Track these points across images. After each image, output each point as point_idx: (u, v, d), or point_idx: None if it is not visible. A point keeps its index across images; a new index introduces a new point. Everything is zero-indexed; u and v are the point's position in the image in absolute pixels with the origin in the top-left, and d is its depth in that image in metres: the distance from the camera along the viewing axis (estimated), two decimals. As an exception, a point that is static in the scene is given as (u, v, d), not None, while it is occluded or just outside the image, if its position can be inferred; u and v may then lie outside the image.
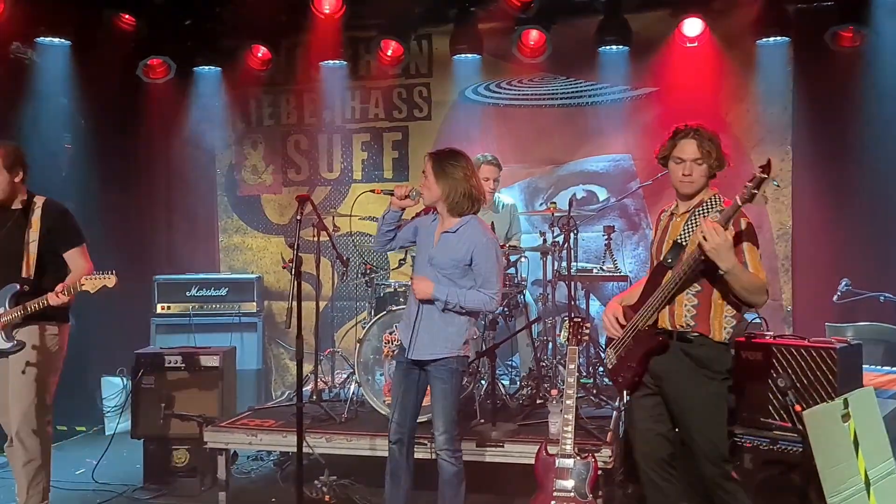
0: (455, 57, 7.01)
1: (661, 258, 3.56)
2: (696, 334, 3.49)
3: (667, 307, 3.52)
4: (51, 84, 6.91)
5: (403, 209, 4.16)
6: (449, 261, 3.96)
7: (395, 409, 4.10)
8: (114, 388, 6.91)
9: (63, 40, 6.54)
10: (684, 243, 3.48)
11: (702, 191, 3.54)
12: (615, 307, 3.76)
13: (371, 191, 4.46)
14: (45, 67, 6.78)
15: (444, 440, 4.00)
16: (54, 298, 4.15)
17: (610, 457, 4.43)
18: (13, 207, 4.25)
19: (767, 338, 4.55)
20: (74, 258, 4.34)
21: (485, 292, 3.94)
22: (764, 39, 6.38)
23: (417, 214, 4.55)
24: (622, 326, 3.68)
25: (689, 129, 3.51)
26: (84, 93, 7.08)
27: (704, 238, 3.22)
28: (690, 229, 3.50)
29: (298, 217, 3.91)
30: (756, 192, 3.17)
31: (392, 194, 4.10)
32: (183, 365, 5.56)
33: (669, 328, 3.53)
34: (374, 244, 4.30)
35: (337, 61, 7.21)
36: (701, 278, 3.45)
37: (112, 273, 4.26)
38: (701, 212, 3.51)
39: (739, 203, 3.21)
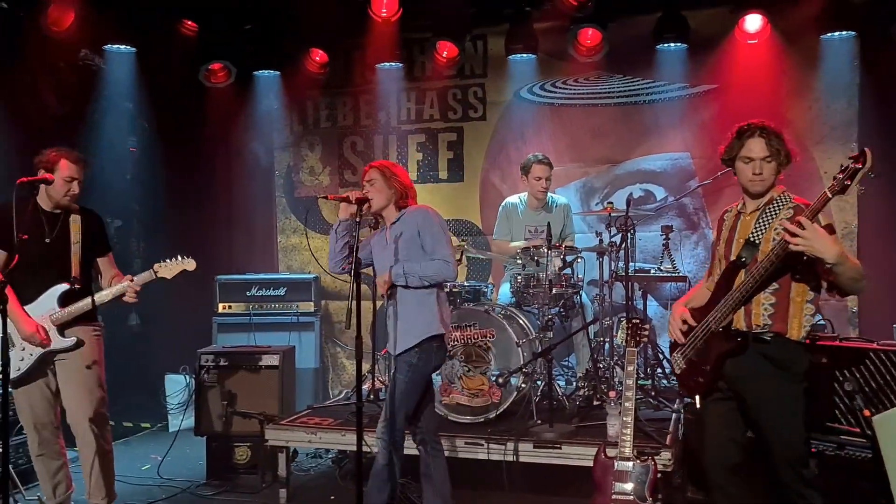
0: (510, 57, 7.01)
1: (735, 257, 3.47)
2: (772, 334, 3.40)
3: (742, 307, 3.45)
4: (116, 89, 7.14)
5: (355, 218, 4.11)
6: (404, 242, 4.17)
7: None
8: (177, 385, 7.06)
9: (129, 47, 6.75)
10: (758, 241, 3.41)
11: (771, 189, 3.48)
12: (681, 310, 3.68)
13: (324, 197, 4.49)
14: (111, 73, 7.00)
15: (384, 430, 4.13)
16: (131, 296, 4.34)
17: (669, 460, 4.38)
18: (56, 212, 4.39)
19: (834, 340, 4.44)
20: (107, 264, 4.51)
21: (437, 258, 4.13)
22: (828, 34, 6.23)
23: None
24: (690, 329, 3.61)
25: (754, 127, 3.45)
26: (148, 97, 7.31)
27: (795, 235, 3.09)
28: (763, 227, 3.42)
29: (357, 218, 3.94)
30: (849, 183, 3.06)
31: (347, 201, 4.16)
32: (244, 363, 5.67)
33: (745, 328, 3.45)
34: (330, 264, 4.39)
35: (393, 63, 7.27)
36: (778, 276, 3.36)
37: (189, 257, 4.39)
38: (772, 209, 3.44)
39: (830, 196, 3.10)
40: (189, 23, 6.82)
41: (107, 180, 7.16)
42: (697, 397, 3.60)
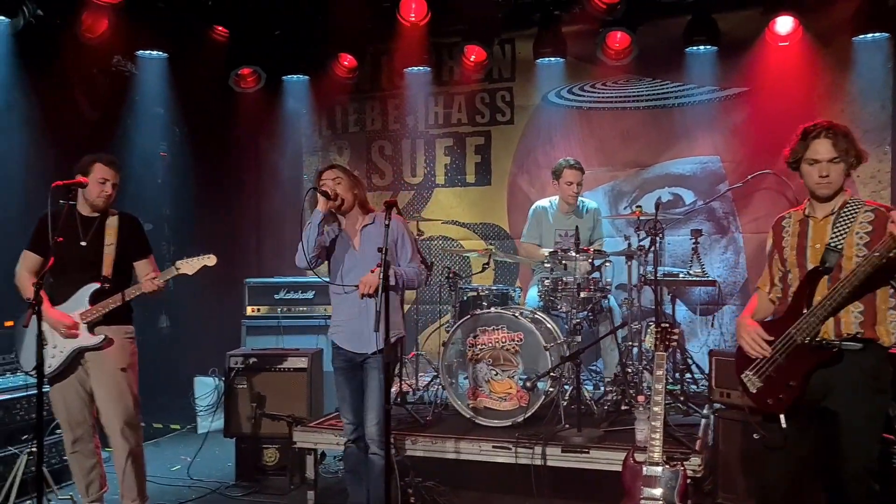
0: (538, 61, 7.01)
1: (818, 264, 3.33)
2: (864, 342, 3.27)
3: (832, 316, 3.28)
4: (148, 95, 7.23)
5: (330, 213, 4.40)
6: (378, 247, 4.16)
7: (346, 410, 4.36)
8: (206, 387, 7.12)
9: (161, 53, 6.84)
10: (840, 246, 3.28)
11: (839, 192, 3.36)
12: (753, 324, 3.47)
13: (314, 188, 4.43)
14: (143, 79, 7.10)
15: (379, 433, 4.14)
16: (149, 285, 4.36)
17: (699, 465, 4.34)
18: (93, 216, 4.45)
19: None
20: (143, 267, 4.55)
21: (413, 266, 4.39)
22: (861, 36, 6.16)
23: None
24: (768, 343, 3.40)
25: (820, 127, 3.32)
26: (179, 103, 7.39)
27: None
28: (843, 232, 3.30)
29: (386, 222, 3.96)
30: None
31: (327, 197, 4.30)
32: (273, 366, 5.72)
33: (834, 338, 3.28)
34: (300, 260, 4.38)
35: (421, 67, 7.31)
36: (872, 284, 3.23)
37: (210, 253, 4.45)
38: (848, 213, 3.32)
39: None
40: (220, 28, 6.89)
41: (138, 184, 7.25)
42: (782, 416, 3.35)
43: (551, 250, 5.68)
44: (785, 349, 3.34)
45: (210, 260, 4.48)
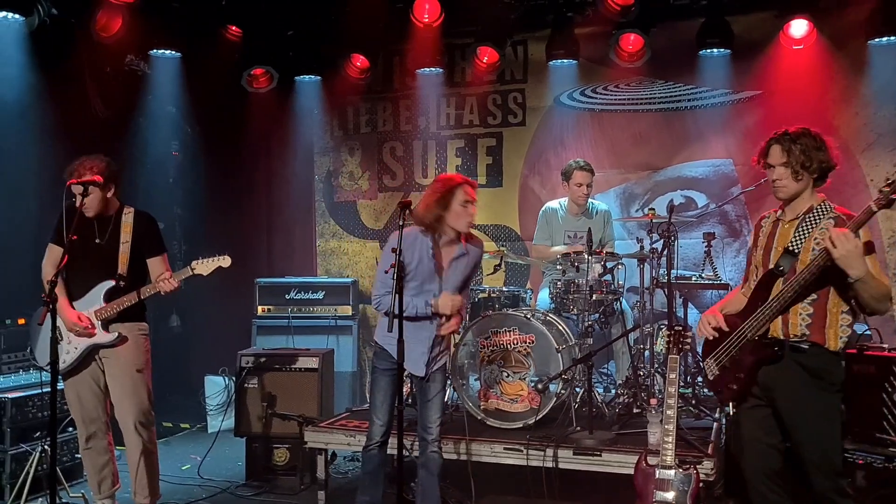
0: (550, 62, 6.99)
1: (773, 265, 3.46)
2: (809, 344, 3.39)
3: (779, 316, 3.42)
4: (161, 94, 7.27)
5: None
6: (462, 280, 4.26)
7: (382, 412, 4.24)
8: (216, 387, 7.14)
9: (174, 52, 6.85)
10: (797, 251, 3.39)
11: (800, 196, 3.46)
12: (715, 313, 3.68)
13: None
14: (156, 78, 7.13)
15: (439, 432, 4.23)
16: (164, 285, 4.36)
17: (711, 469, 4.32)
18: (108, 215, 4.46)
19: (882, 350, 4.35)
20: (156, 265, 4.54)
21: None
22: (876, 39, 6.12)
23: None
24: (724, 335, 3.59)
25: (778, 133, 3.48)
26: (191, 102, 7.43)
27: (834, 245, 3.12)
28: (802, 237, 3.41)
29: (401, 223, 3.95)
30: (895, 197, 3.05)
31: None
32: (284, 365, 5.72)
33: (781, 337, 3.44)
34: (381, 312, 4.21)
35: (433, 68, 7.30)
36: (817, 287, 3.35)
37: (225, 254, 4.44)
38: (811, 218, 3.43)
39: (875, 209, 3.10)
40: (233, 28, 6.90)
41: (150, 183, 7.30)
42: (731, 404, 3.62)
43: (564, 251, 5.67)
44: (738, 343, 3.52)
45: (225, 261, 4.48)
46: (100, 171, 4.32)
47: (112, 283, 4.39)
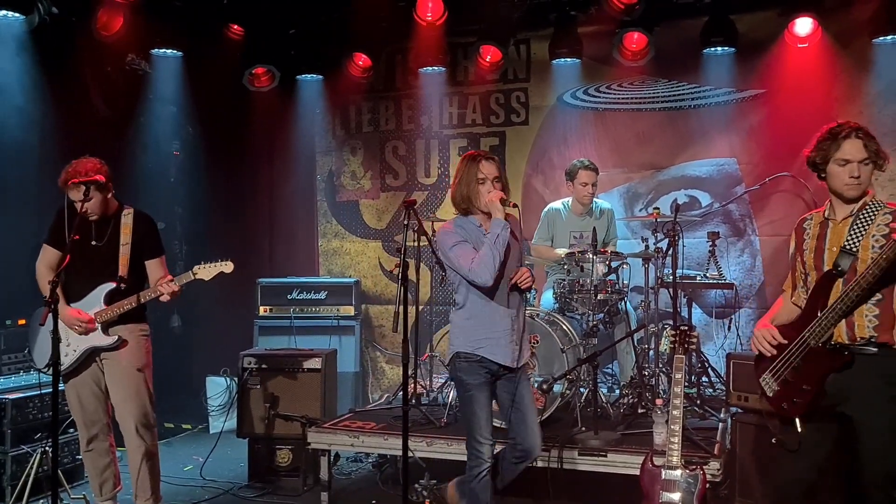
0: (553, 61, 6.96)
1: (832, 266, 3.30)
2: (878, 346, 3.22)
3: (844, 319, 3.25)
4: (162, 93, 7.24)
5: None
6: (516, 255, 4.07)
7: (489, 430, 3.95)
8: (218, 387, 7.12)
9: (175, 51, 6.82)
10: (854, 249, 3.24)
11: (864, 193, 3.32)
12: (769, 326, 3.46)
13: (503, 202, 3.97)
14: (157, 78, 7.09)
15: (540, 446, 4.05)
16: (165, 288, 4.32)
17: (718, 469, 4.29)
18: (107, 216, 4.42)
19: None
20: (155, 267, 4.51)
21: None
22: (881, 38, 6.09)
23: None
24: (783, 347, 3.38)
25: (849, 128, 3.30)
26: (192, 101, 7.39)
27: None
28: (860, 234, 3.26)
29: (405, 222, 3.92)
30: None
31: (504, 203, 3.93)
32: (287, 366, 5.68)
33: (847, 342, 3.25)
34: (489, 277, 3.83)
35: (435, 67, 7.26)
36: (881, 285, 3.19)
37: (228, 260, 4.41)
38: (865, 215, 3.28)
39: None
40: (235, 27, 6.87)
41: (151, 183, 7.26)
42: (798, 420, 3.33)
43: (568, 251, 5.64)
44: (800, 353, 3.32)
45: (227, 266, 4.44)
46: (99, 172, 4.28)
47: (113, 284, 4.36)
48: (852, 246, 3.25)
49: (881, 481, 3.22)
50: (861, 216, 3.29)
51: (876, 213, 3.27)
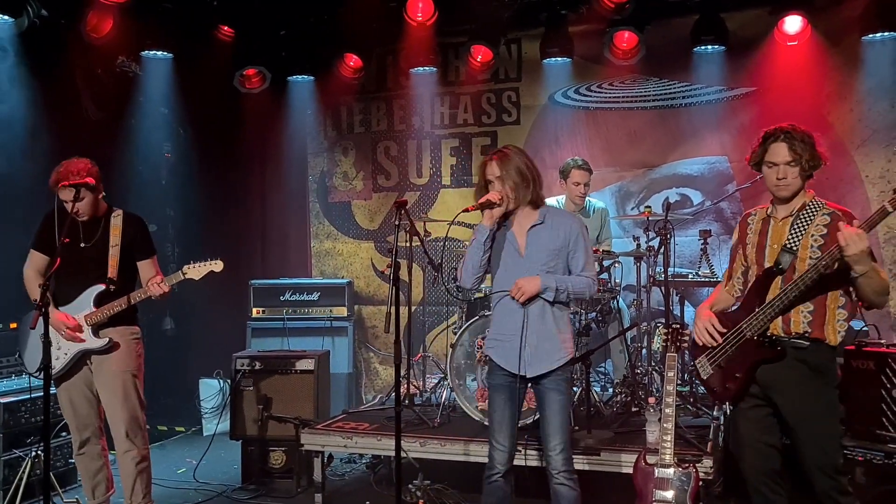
0: (545, 61, 6.96)
1: (773, 264, 3.43)
2: (811, 341, 3.37)
3: (780, 315, 3.40)
4: (153, 95, 7.22)
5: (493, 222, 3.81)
6: (548, 252, 3.74)
7: (502, 435, 3.78)
8: (211, 389, 7.10)
9: (166, 53, 6.79)
10: (795, 248, 3.37)
11: (798, 193, 3.44)
12: (709, 314, 3.62)
13: (465, 210, 3.97)
14: (147, 80, 7.07)
15: (564, 460, 3.74)
16: (155, 289, 4.30)
17: (711, 467, 4.30)
18: (96, 217, 4.41)
19: (880, 346, 4.34)
20: (147, 267, 4.49)
21: (586, 275, 3.76)
22: (870, 35, 6.11)
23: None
24: (720, 334, 3.55)
25: (778, 131, 3.42)
26: (183, 103, 7.37)
27: (846, 244, 3.09)
28: (799, 234, 3.39)
29: (397, 222, 3.91)
30: None
31: (488, 206, 3.75)
32: (280, 368, 5.68)
33: (783, 335, 3.41)
34: (467, 280, 3.83)
35: (427, 68, 7.26)
36: (819, 284, 3.32)
37: (217, 258, 4.40)
38: (806, 215, 3.41)
39: (890, 210, 3.06)
40: (225, 28, 6.85)
41: (142, 185, 7.25)
42: (727, 404, 3.62)
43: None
44: (736, 342, 3.49)
45: (217, 265, 4.42)
46: (90, 174, 4.26)
47: (102, 287, 4.33)
48: (792, 245, 3.39)
49: (825, 466, 3.37)
50: (801, 216, 3.43)
51: (815, 213, 3.41)
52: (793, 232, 3.41)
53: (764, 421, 3.51)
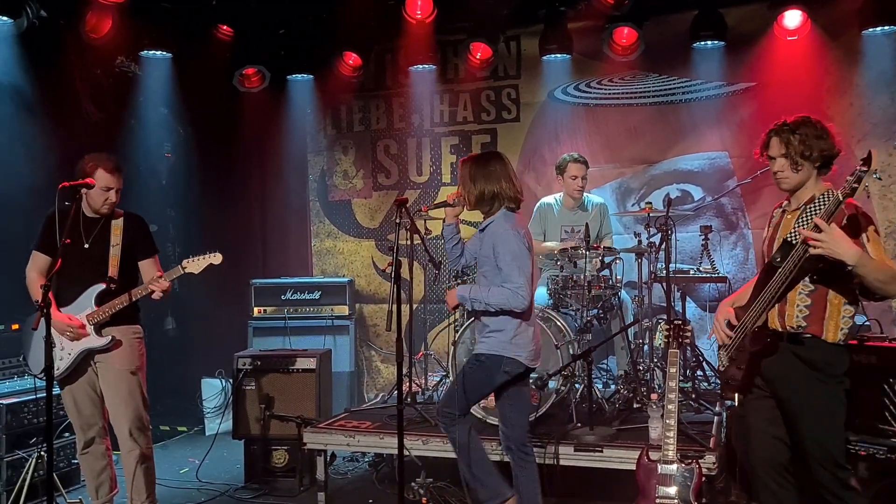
0: (544, 57, 6.96)
1: (771, 256, 3.43)
2: (808, 336, 3.36)
3: (776, 307, 3.41)
4: (152, 95, 7.20)
5: (457, 219, 4.31)
6: (481, 259, 4.05)
7: None
8: (213, 389, 7.10)
9: (165, 53, 6.78)
10: (794, 241, 3.34)
11: (803, 186, 3.43)
12: (726, 310, 3.63)
13: (420, 210, 4.65)
14: (147, 79, 7.06)
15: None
16: (155, 285, 4.31)
17: (713, 463, 4.30)
18: (96, 217, 4.42)
19: (883, 341, 4.34)
20: (149, 267, 4.50)
21: (508, 287, 3.88)
22: (870, 29, 6.11)
23: None
24: (732, 329, 3.56)
25: (777, 125, 3.45)
26: (183, 103, 7.36)
27: (808, 240, 3.12)
28: (802, 226, 3.36)
29: (398, 220, 3.92)
30: (857, 186, 3.04)
31: (446, 205, 4.23)
32: (281, 367, 5.68)
33: (780, 329, 3.42)
34: (448, 263, 4.41)
35: (426, 65, 7.25)
36: (816, 277, 3.32)
37: (216, 251, 4.40)
38: (813, 208, 3.38)
39: (840, 198, 3.09)
40: (224, 28, 6.84)
41: (142, 185, 7.24)
42: (736, 395, 3.62)
43: (561, 247, 5.64)
44: (743, 334, 3.52)
45: (216, 258, 4.43)
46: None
47: (103, 286, 4.33)
48: (793, 238, 3.36)
49: (825, 460, 3.36)
50: (808, 209, 3.42)
51: (822, 206, 3.36)
52: (797, 224, 3.40)
53: (770, 412, 3.50)
